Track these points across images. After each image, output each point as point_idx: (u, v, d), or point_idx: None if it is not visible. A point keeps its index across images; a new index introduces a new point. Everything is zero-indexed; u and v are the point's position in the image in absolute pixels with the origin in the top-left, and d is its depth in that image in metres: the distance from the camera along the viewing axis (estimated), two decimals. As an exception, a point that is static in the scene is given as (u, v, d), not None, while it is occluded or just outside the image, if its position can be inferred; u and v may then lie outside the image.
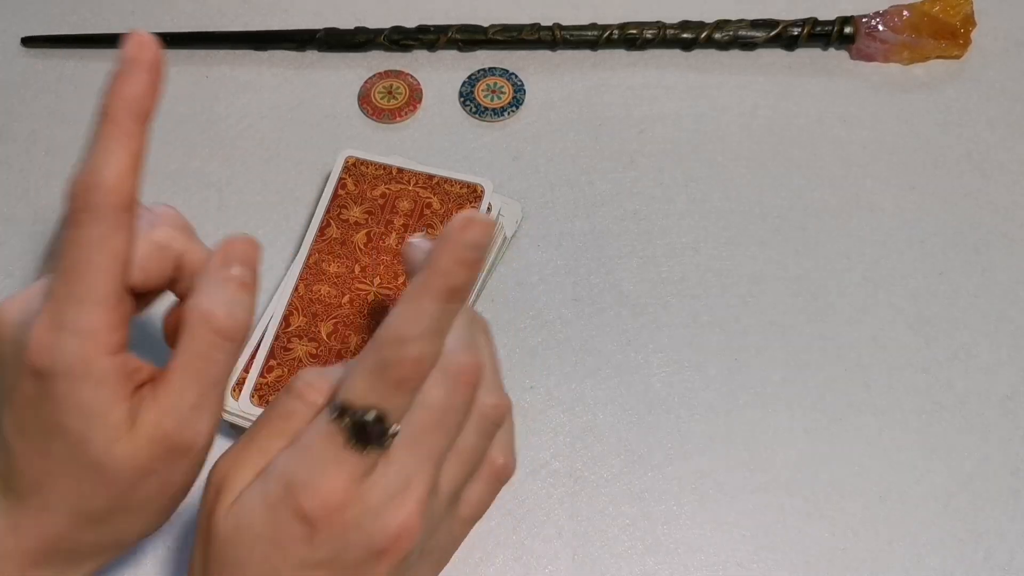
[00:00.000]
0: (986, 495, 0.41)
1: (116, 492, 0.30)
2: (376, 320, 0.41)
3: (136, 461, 0.29)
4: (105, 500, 0.30)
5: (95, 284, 0.28)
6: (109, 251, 0.29)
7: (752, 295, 0.46)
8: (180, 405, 0.29)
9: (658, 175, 0.50)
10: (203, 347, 0.30)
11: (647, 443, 0.42)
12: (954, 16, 0.53)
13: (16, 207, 0.51)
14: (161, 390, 0.30)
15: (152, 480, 0.30)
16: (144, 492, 0.31)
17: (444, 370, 0.30)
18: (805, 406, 0.43)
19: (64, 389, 0.28)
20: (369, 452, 0.29)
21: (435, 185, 0.46)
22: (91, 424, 0.29)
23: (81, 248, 0.29)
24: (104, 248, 0.29)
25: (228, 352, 0.30)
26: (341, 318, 0.42)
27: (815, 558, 0.40)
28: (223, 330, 0.30)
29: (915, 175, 0.50)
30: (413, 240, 0.33)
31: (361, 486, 0.29)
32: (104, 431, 0.29)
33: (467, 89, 0.54)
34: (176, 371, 0.30)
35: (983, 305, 0.46)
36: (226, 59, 0.56)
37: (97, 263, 0.28)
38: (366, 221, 0.45)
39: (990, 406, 0.43)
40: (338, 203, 0.45)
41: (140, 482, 0.30)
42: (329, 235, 0.44)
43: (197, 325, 0.29)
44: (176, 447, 0.30)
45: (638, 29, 0.54)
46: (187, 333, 0.30)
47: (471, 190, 0.45)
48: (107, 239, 0.29)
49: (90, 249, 0.28)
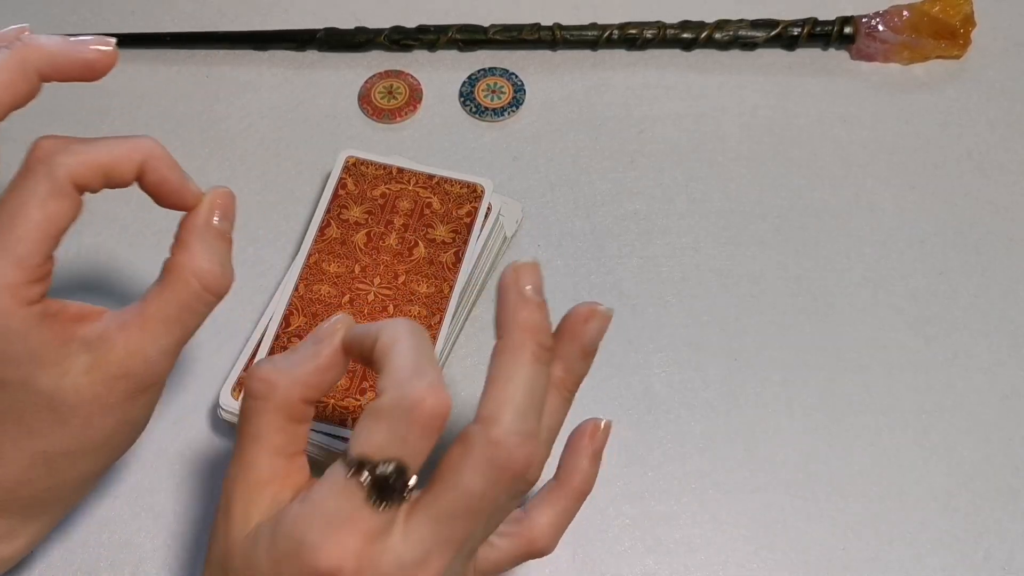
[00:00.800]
0: (986, 495, 0.41)
1: (74, 428, 0.30)
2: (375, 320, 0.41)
3: (96, 396, 0.30)
4: (63, 437, 0.31)
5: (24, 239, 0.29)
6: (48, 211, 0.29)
7: (752, 295, 0.46)
8: (151, 348, 0.30)
9: (658, 175, 0.50)
10: (189, 299, 0.30)
11: (647, 443, 0.42)
12: (954, 16, 0.53)
13: (16, 207, 0.51)
14: (133, 332, 0.30)
15: (111, 416, 0.31)
16: (102, 429, 0.31)
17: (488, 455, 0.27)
18: (805, 406, 0.43)
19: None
20: (387, 509, 0.27)
21: (435, 185, 0.46)
22: (28, 369, 0.29)
23: (20, 202, 0.29)
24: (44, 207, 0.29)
25: (209, 305, 0.31)
26: None
27: (815, 558, 0.40)
28: (211, 286, 0.31)
29: (915, 175, 0.50)
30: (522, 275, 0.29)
31: (373, 547, 0.27)
32: (47, 371, 0.29)
33: (467, 89, 0.54)
34: (154, 317, 0.30)
35: (983, 305, 0.46)
36: (226, 59, 0.56)
37: (32, 219, 0.29)
38: (366, 221, 0.45)
39: (990, 406, 0.43)
40: (338, 203, 0.45)
41: (99, 418, 0.31)
42: (329, 235, 0.44)
43: (187, 278, 0.30)
44: (139, 386, 0.31)
45: (638, 29, 0.54)
46: (172, 284, 0.30)
47: (471, 190, 0.45)
48: (49, 200, 0.29)
49: (30, 205, 0.29)
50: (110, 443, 0.32)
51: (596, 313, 0.30)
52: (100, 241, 0.48)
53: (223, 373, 0.43)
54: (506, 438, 0.27)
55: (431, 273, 0.43)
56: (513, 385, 0.27)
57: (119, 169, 0.30)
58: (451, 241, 0.44)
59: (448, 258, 0.43)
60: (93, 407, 0.30)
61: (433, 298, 0.42)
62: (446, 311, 0.42)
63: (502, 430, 0.27)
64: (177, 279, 0.31)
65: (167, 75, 0.55)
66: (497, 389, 0.27)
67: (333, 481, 0.27)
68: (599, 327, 0.30)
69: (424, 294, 0.43)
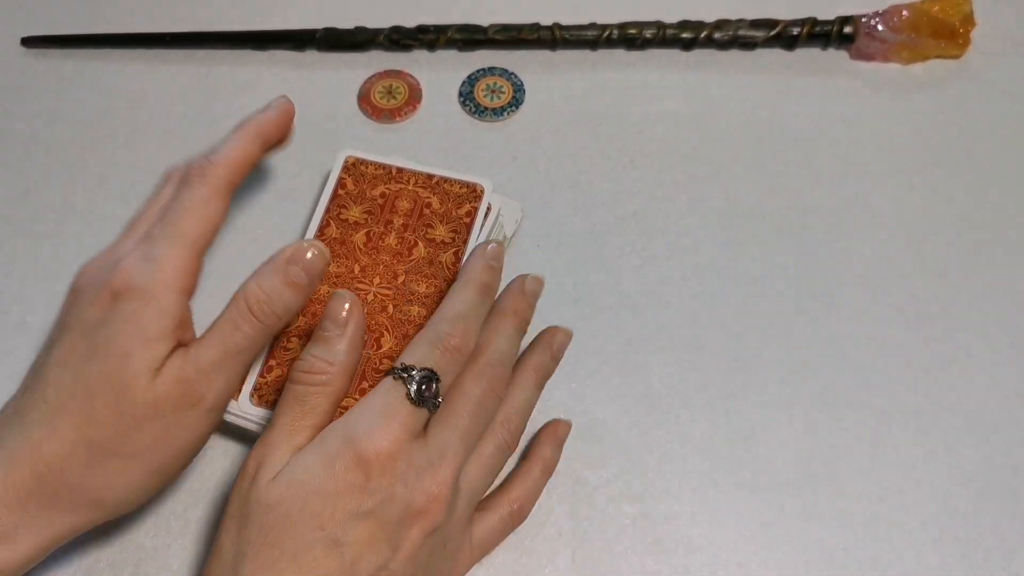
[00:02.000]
0: (986, 495, 0.41)
1: (124, 424, 0.33)
2: (375, 320, 0.41)
3: (151, 394, 0.33)
4: (111, 431, 0.33)
5: (189, 230, 0.35)
6: (208, 210, 0.36)
7: (752, 295, 0.46)
8: (202, 358, 0.34)
9: (658, 175, 0.50)
10: (234, 315, 0.35)
11: (647, 443, 0.42)
12: (953, 16, 0.53)
13: (16, 207, 0.51)
14: (193, 345, 0.35)
15: (157, 424, 0.33)
16: (145, 436, 0.33)
17: (481, 370, 0.37)
18: (805, 406, 0.43)
19: (132, 308, 0.33)
20: (422, 409, 0.34)
21: (435, 185, 0.46)
22: (136, 347, 0.33)
23: (186, 201, 0.36)
24: (205, 207, 0.36)
25: (253, 327, 0.35)
26: None
27: (815, 558, 0.40)
28: (251, 306, 0.35)
29: (915, 175, 0.50)
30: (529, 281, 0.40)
31: (411, 442, 0.33)
32: (143, 357, 0.33)
33: (467, 89, 0.54)
34: (209, 332, 0.35)
35: (983, 305, 0.46)
36: (226, 59, 0.56)
37: (195, 214, 0.36)
38: (365, 221, 0.45)
39: (990, 406, 0.43)
40: (338, 203, 0.45)
41: (147, 421, 0.33)
42: (328, 235, 0.44)
43: (237, 298, 0.35)
44: (188, 393, 0.34)
45: (638, 29, 0.54)
46: (230, 304, 0.35)
47: (471, 190, 0.45)
48: (209, 201, 0.36)
49: (193, 203, 0.36)
50: (143, 458, 0.34)
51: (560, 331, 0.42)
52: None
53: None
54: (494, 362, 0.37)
55: (431, 273, 0.43)
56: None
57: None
58: (451, 241, 0.44)
59: (448, 258, 0.43)
60: (146, 406, 0.33)
61: (433, 298, 0.42)
62: None
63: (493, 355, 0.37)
64: (233, 299, 0.35)
65: (167, 75, 0.55)
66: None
67: (382, 385, 0.34)
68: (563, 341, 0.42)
69: (423, 294, 0.42)
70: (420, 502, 0.33)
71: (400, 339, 0.41)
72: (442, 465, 0.34)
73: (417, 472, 0.33)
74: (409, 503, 0.33)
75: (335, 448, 0.33)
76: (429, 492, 0.33)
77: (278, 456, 0.33)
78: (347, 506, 0.32)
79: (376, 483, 0.32)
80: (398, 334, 0.41)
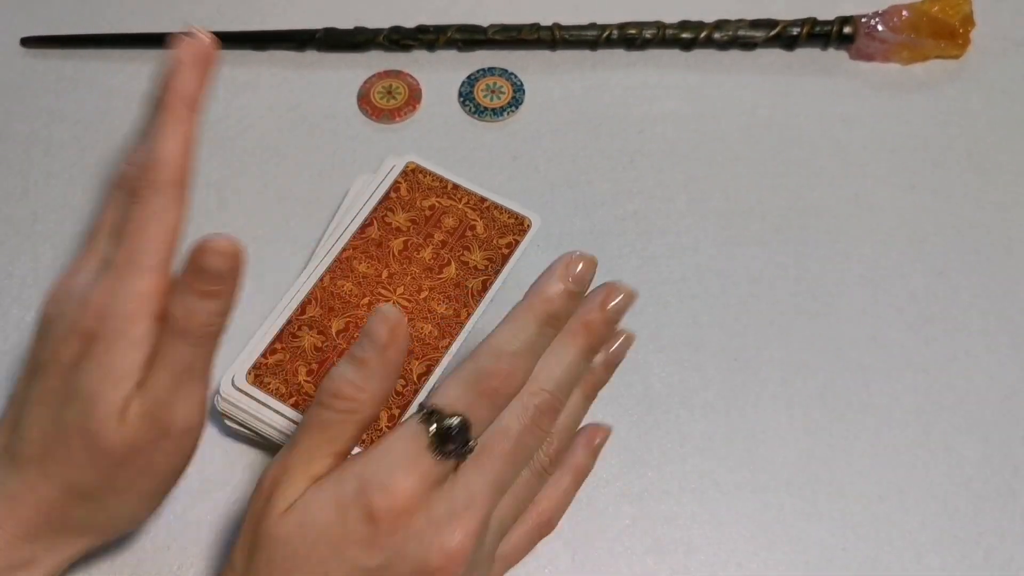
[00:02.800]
0: (986, 495, 0.41)
1: (104, 467, 0.32)
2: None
3: (121, 436, 0.32)
4: (95, 475, 0.32)
5: (151, 251, 0.32)
6: (166, 222, 0.33)
7: (752, 295, 0.46)
8: (157, 386, 0.32)
9: (658, 175, 0.50)
10: (168, 338, 0.32)
11: (647, 443, 0.42)
12: (953, 16, 0.53)
13: (16, 207, 0.51)
14: (147, 376, 0.32)
15: (137, 460, 0.33)
16: (128, 472, 0.33)
17: (525, 404, 0.32)
18: (805, 406, 0.43)
19: (102, 348, 0.32)
20: (447, 460, 0.30)
21: (485, 209, 0.45)
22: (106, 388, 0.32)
23: (141, 220, 0.33)
24: (162, 220, 0.33)
25: (190, 345, 0.32)
26: (355, 319, 0.42)
27: (815, 558, 0.40)
28: (179, 329, 0.32)
29: (915, 175, 0.50)
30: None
31: (430, 493, 0.30)
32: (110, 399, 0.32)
33: (466, 89, 0.54)
34: (155, 360, 0.32)
35: (983, 305, 0.46)
36: (226, 59, 0.56)
37: (153, 231, 0.32)
38: (407, 229, 0.44)
39: (990, 406, 0.43)
40: (387, 205, 0.45)
41: (126, 460, 0.32)
42: (369, 234, 0.44)
43: (167, 322, 0.32)
44: (155, 425, 0.32)
45: (637, 29, 0.54)
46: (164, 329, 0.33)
47: (518, 222, 0.45)
48: (164, 212, 0.33)
49: (149, 221, 0.33)
50: (134, 490, 0.34)
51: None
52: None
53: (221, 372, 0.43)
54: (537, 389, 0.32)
55: (455, 296, 0.43)
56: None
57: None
58: (483, 268, 0.44)
59: (475, 285, 0.43)
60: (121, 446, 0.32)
61: (449, 320, 0.42)
62: (457, 337, 0.42)
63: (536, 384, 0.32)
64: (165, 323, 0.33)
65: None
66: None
67: (404, 427, 0.31)
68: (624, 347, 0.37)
69: (441, 315, 0.42)
70: (436, 561, 0.30)
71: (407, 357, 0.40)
72: (465, 517, 0.30)
73: (436, 527, 0.30)
74: (423, 562, 0.30)
75: (349, 494, 0.30)
76: (447, 550, 0.30)
77: (294, 483, 0.31)
78: (354, 559, 0.30)
79: (386, 540, 0.30)
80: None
